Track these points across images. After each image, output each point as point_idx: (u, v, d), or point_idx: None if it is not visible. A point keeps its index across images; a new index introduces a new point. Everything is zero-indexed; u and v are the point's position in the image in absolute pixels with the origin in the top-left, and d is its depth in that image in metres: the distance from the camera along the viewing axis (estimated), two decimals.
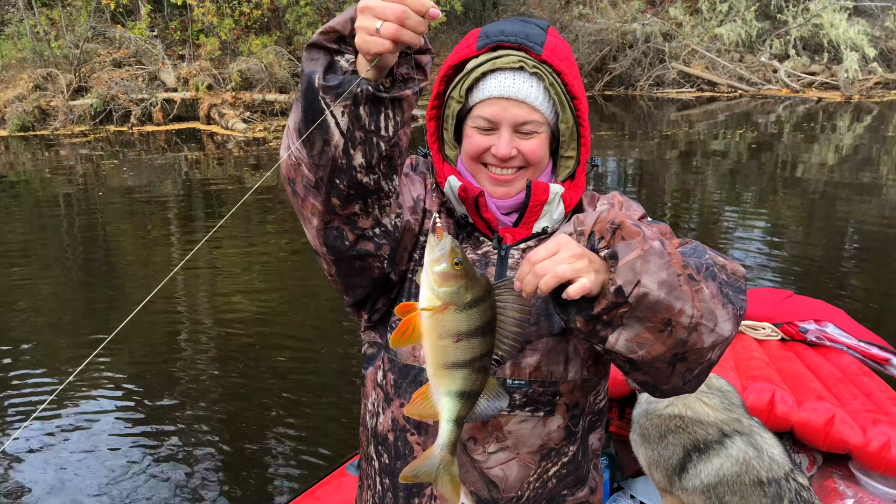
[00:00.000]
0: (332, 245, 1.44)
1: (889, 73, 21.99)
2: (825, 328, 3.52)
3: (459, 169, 1.63)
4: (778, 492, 2.60)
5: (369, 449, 1.70)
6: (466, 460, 1.55)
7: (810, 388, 3.01)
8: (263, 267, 8.51)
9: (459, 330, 1.22)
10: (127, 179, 12.89)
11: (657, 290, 1.23)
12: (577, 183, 1.62)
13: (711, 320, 1.30)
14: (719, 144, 15.53)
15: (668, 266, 1.25)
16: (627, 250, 1.23)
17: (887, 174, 12.49)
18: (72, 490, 4.41)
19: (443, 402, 1.27)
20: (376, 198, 1.39)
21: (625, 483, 3.32)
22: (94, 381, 5.73)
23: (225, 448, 4.86)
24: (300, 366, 6.04)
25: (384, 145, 1.32)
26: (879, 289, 7.34)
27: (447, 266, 1.20)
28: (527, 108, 1.51)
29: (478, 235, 1.62)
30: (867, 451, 2.80)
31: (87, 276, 8.32)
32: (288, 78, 19.05)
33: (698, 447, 2.70)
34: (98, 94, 17.77)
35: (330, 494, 2.79)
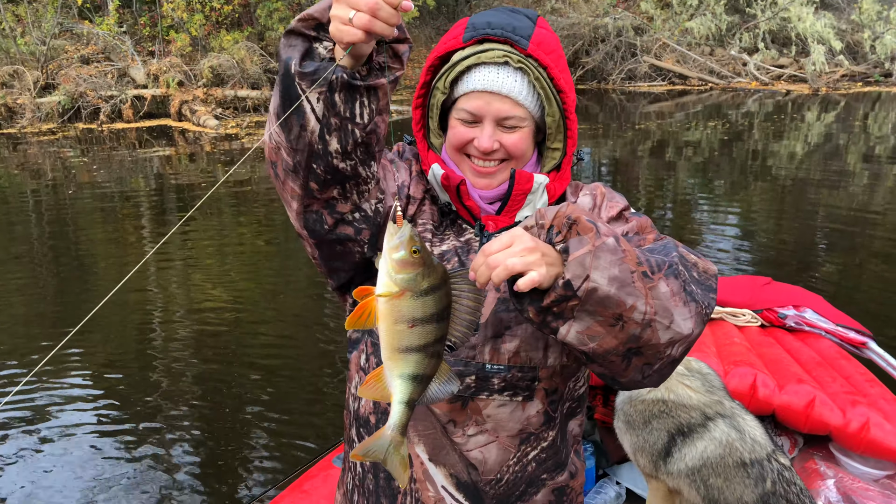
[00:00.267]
0: (311, 228, 1.46)
1: (855, 65, 22.32)
2: (804, 314, 3.58)
3: (444, 157, 1.64)
4: (761, 472, 2.64)
5: (351, 431, 1.72)
6: (447, 443, 1.56)
7: (791, 372, 3.05)
8: (237, 260, 8.48)
9: (415, 316, 1.25)
10: (97, 177, 12.72)
11: (607, 286, 1.25)
12: (563, 174, 1.63)
13: (666, 317, 1.32)
14: (691, 137, 15.68)
15: (621, 262, 1.27)
16: (579, 245, 1.26)
17: (854, 165, 12.70)
18: (45, 487, 4.34)
19: (395, 385, 1.30)
20: (354, 183, 1.41)
21: (610, 470, 3.34)
22: (67, 374, 5.68)
23: (204, 442, 4.83)
24: (277, 357, 6.03)
25: (359, 132, 1.34)
26: (850, 274, 7.50)
27: (405, 254, 1.21)
28: (510, 103, 1.52)
29: (461, 223, 1.64)
30: (847, 432, 2.84)
31: (58, 272, 8.22)
32: (260, 74, 18.91)
33: (682, 431, 2.72)
34: (66, 92, 17.50)
35: (317, 487, 2.78)
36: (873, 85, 21.62)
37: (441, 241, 1.61)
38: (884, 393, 3.07)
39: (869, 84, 21.75)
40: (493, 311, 1.53)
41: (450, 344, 1.31)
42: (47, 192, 11.91)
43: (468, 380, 1.53)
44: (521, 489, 1.61)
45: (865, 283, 7.28)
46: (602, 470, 3.34)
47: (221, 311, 6.95)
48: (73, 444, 4.81)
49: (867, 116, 17.49)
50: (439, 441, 1.56)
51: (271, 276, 7.99)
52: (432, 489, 1.58)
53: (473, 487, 1.58)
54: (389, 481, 1.62)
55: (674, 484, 2.78)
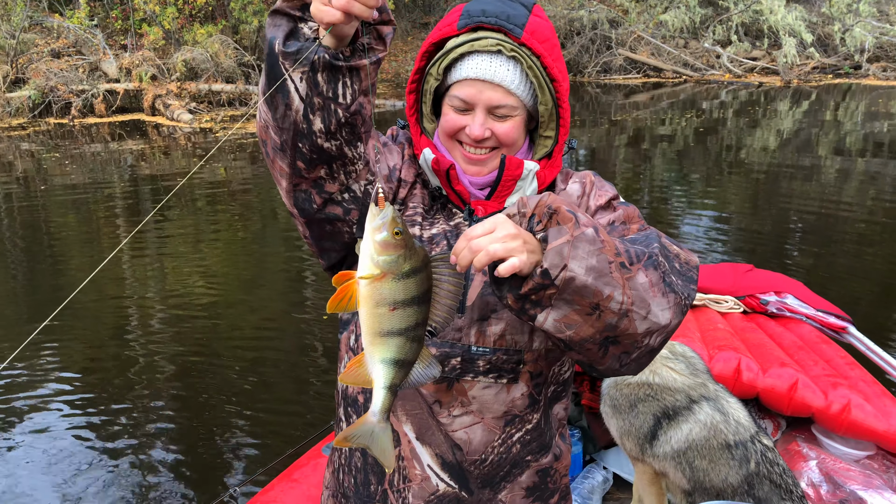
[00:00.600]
0: (301, 207, 1.47)
1: (826, 57, 22.59)
2: (785, 299, 3.64)
3: (436, 142, 1.65)
4: (745, 454, 2.68)
5: (340, 411, 1.74)
6: (433, 423, 1.58)
7: (773, 356, 3.10)
8: (214, 251, 8.45)
9: (396, 299, 1.25)
10: (70, 173, 12.56)
11: (584, 275, 1.27)
12: (554, 162, 1.64)
13: (643, 308, 1.34)
14: (667, 129, 15.80)
15: (599, 253, 1.29)
16: (557, 235, 1.27)
17: (825, 156, 12.87)
18: (21, 482, 4.29)
19: (377, 370, 1.29)
20: (341, 163, 1.42)
21: (597, 455, 3.38)
22: (42, 368, 5.62)
23: (186, 434, 4.81)
24: (257, 348, 6.01)
25: (342, 112, 1.35)
26: (822, 261, 7.62)
27: (388, 235, 1.22)
28: (502, 92, 1.53)
29: (451, 207, 1.65)
30: (829, 414, 2.90)
31: (30, 266, 8.12)
32: (234, 67, 18.73)
33: (668, 414, 2.76)
34: (36, 86, 17.22)
35: (307, 476, 2.79)
36: (843, 77, 21.91)
37: (431, 225, 1.62)
38: (863, 375, 3.13)
39: (839, 76, 22.04)
40: (480, 294, 1.54)
41: (430, 329, 1.31)
42: (18, 187, 11.74)
43: (454, 361, 1.55)
44: (505, 470, 1.63)
45: (837, 271, 7.41)
46: (589, 455, 3.38)
47: (199, 302, 6.92)
48: (49, 439, 4.76)
49: (838, 108, 17.73)
50: (426, 421, 1.58)
51: (248, 266, 7.97)
52: (419, 467, 1.60)
53: (458, 467, 1.60)
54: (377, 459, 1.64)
55: (660, 467, 2.82)
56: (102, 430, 4.88)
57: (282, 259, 8.26)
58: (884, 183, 10.89)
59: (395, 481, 1.62)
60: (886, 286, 7.06)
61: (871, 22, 21.95)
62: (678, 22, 22.86)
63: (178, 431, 4.86)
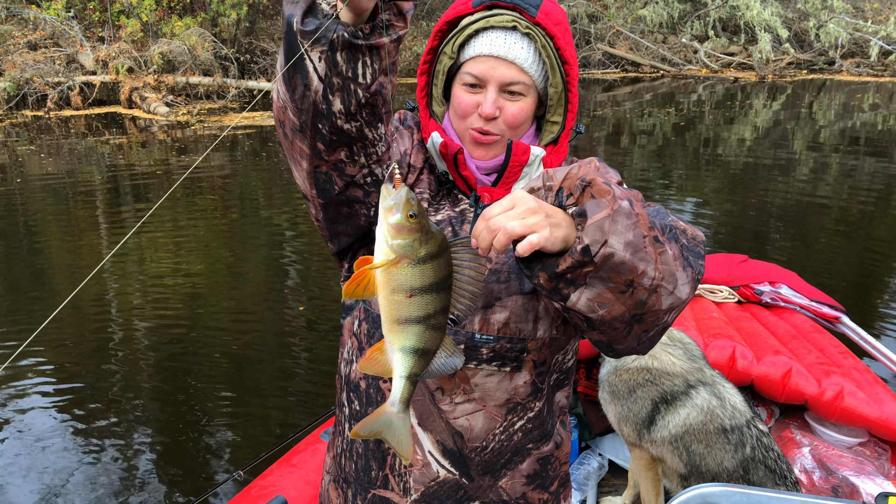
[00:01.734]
0: (322, 188, 1.45)
1: (801, 53, 22.85)
2: (779, 290, 3.69)
3: (444, 126, 1.64)
4: (741, 438, 2.72)
5: (342, 395, 1.72)
6: (434, 410, 1.57)
7: (768, 345, 3.14)
8: (193, 246, 8.37)
9: (413, 285, 1.19)
10: (47, 166, 12.38)
11: (623, 251, 1.22)
12: (560, 148, 1.64)
13: (671, 282, 1.30)
14: (645, 123, 15.90)
15: (636, 227, 1.24)
16: (597, 209, 1.21)
17: (801, 150, 13.03)
18: (5, 484, 4.23)
19: (396, 359, 1.24)
20: (361, 145, 1.40)
21: (593, 442, 3.41)
22: (23, 369, 5.53)
23: (173, 426, 4.78)
24: (241, 341, 5.98)
25: (362, 92, 1.32)
26: (800, 252, 7.73)
27: (402, 217, 1.16)
28: (515, 69, 1.52)
29: (457, 193, 1.64)
30: (822, 401, 2.94)
31: (8, 264, 8.01)
32: (212, 60, 18.57)
33: (666, 399, 2.79)
34: (11, 78, 16.96)
35: (305, 461, 2.79)
36: (818, 72, 22.18)
37: (436, 211, 1.62)
38: (856, 364, 3.18)
39: (814, 71, 22.31)
40: (484, 282, 1.52)
41: (452, 317, 1.27)
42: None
43: None
44: (506, 457, 1.62)
45: (815, 263, 7.53)
46: (585, 442, 3.40)
47: (180, 292, 6.88)
48: (31, 432, 4.71)
49: (812, 104, 17.94)
50: (427, 408, 1.57)
51: (227, 265, 7.91)
52: (420, 453, 1.60)
53: (459, 454, 1.59)
54: (379, 444, 1.62)
55: (657, 452, 2.85)
56: (87, 422, 4.84)
57: (261, 254, 8.23)
58: (861, 175, 11.07)
59: (396, 466, 1.62)
60: (870, 276, 7.21)
61: (844, 18, 22.23)
62: (657, 17, 23.02)
63: (163, 422, 4.83)
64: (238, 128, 15.43)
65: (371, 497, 1.65)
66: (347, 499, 1.70)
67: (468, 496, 1.62)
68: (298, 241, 8.72)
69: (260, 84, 18.42)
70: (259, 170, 12.01)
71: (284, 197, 10.41)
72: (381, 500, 1.64)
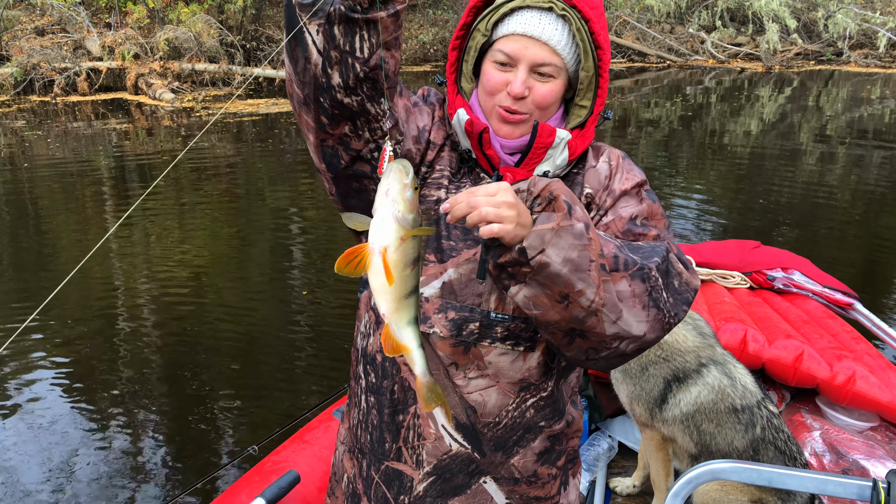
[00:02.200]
0: (329, 162, 1.47)
1: (810, 43, 22.74)
2: (792, 276, 3.69)
3: (471, 103, 1.63)
4: (751, 418, 2.73)
5: (358, 368, 1.73)
6: (448, 384, 1.58)
7: (779, 329, 3.14)
8: (199, 231, 8.40)
9: (414, 256, 1.26)
10: (54, 151, 12.41)
11: (560, 265, 1.29)
12: (586, 132, 1.62)
13: (614, 313, 1.37)
14: (652, 113, 15.85)
15: (583, 249, 1.31)
16: (546, 220, 1.29)
17: (808, 140, 12.99)
18: (8, 468, 4.25)
19: (407, 334, 1.30)
20: (365, 120, 1.40)
21: (603, 424, 3.42)
22: (29, 350, 5.56)
23: (179, 410, 4.81)
24: (245, 323, 6.01)
25: (360, 67, 1.33)
26: (808, 240, 7.72)
27: (413, 193, 1.21)
28: (548, 50, 1.52)
29: (479, 171, 1.64)
30: (833, 385, 2.95)
31: (16, 246, 8.03)
32: (218, 47, 18.54)
33: (678, 377, 2.80)
34: (18, 63, 16.96)
35: (318, 438, 2.81)
36: (826, 63, 22.08)
37: (457, 189, 1.62)
38: (869, 349, 3.18)
39: (822, 62, 22.20)
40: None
41: None
42: (2, 164, 11.58)
43: (472, 326, 1.55)
44: (518, 434, 1.63)
45: (823, 251, 7.52)
46: (595, 424, 3.41)
47: (185, 275, 6.91)
48: (38, 415, 4.73)
49: (820, 95, 17.87)
50: (441, 382, 1.58)
51: (232, 251, 7.93)
52: (433, 426, 1.61)
53: (472, 429, 1.61)
54: (393, 417, 1.64)
55: (668, 431, 2.86)
56: (95, 400, 4.87)
57: (265, 237, 8.24)
58: (869, 165, 11.04)
59: (409, 439, 1.63)
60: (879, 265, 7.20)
61: (853, 9, 22.10)
62: (664, 7, 22.90)
63: (171, 401, 4.86)
64: (244, 115, 15.42)
65: (384, 469, 1.67)
66: (362, 469, 1.72)
67: (479, 470, 1.63)
68: (303, 223, 8.75)
69: (265, 71, 18.38)
70: (265, 156, 12.02)
71: (289, 182, 10.42)
72: (394, 473, 1.66)
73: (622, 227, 1.54)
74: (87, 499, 4.02)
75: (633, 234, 1.53)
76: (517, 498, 1.67)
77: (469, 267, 1.55)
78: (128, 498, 4.05)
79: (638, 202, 1.59)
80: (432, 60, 21.78)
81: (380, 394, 1.65)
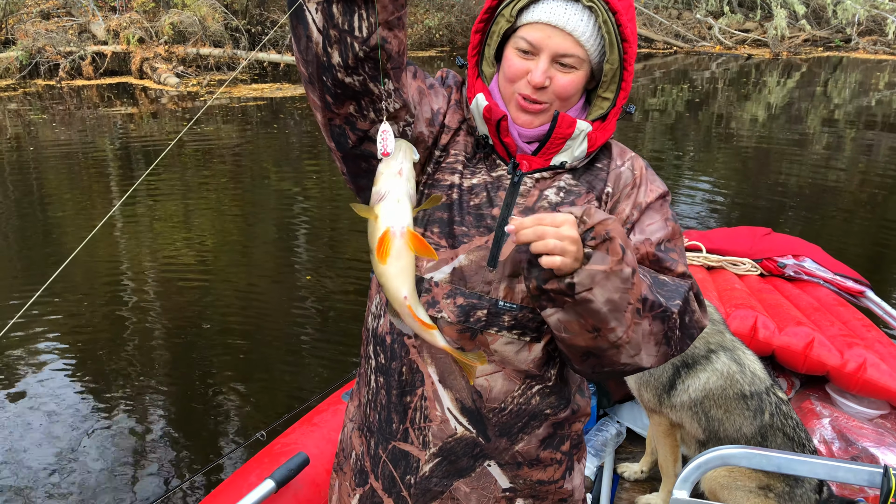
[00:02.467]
0: (337, 141, 1.47)
1: (818, 30, 22.58)
2: (803, 263, 3.67)
3: (491, 88, 1.61)
4: (760, 405, 2.72)
5: (368, 349, 1.74)
6: (455, 368, 1.59)
7: (790, 316, 3.13)
8: (204, 215, 8.43)
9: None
10: (59, 134, 12.42)
11: (602, 304, 1.36)
12: (607, 125, 1.60)
13: (635, 350, 1.45)
14: (658, 100, 15.78)
15: (625, 292, 1.37)
16: (600, 262, 1.34)
17: (816, 127, 12.93)
18: (16, 450, 4.25)
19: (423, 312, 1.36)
20: (369, 100, 1.39)
21: (611, 410, 3.41)
22: (34, 334, 5.57)
23: (185, 394, 4.82)
24: (251, 308, 6.02)
25: (358, 46, 1.32)
26: (815, 227, 7.70)
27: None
28: (571, 41, 1.49)
29: (495, 158, 1.62)
30: (844, 372, 2.93)
31: (22, 229, 8.05)
32: (222, 31, 18.47)
33: (687, 363, 2.79)
34: (23, 47, 16.93)
35: (326, 420, 2.81)
36: (834, 50, 21.93)
37: (472, 174, 1.60)
38: (880, 337, 3.17)
39: (830, 49, 22.05)
40: (514, 251, 1.53)
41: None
42: (9, 148, 11.59)
43: (479, 313, 1.55)
44: (523, 421, 1.63)
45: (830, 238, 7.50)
46: (603, 410, 3.41)
47: (190, 259, 6.93)
48: (45, 396, 4.74)
49: (828, 82, 17.76)
50: (449, 366, 1.59)
51: (237, 236, 7.94)
52: (439, 409, 1.61)
53: (477, 413, 1.61)
54: (401, 398, 1.65)
55: (676, 417, 2.85)
56: (101, 384, 4.88)
57: (270, 220, 8.25)
58: (877, 153, 10.98)
59: (416, 420, 1.64)
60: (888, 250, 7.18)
61: None
62: None
63: (177, 384, 4.88)
64: (249, 99, 15.39)
65: (392, 448, 1.68)
66: (370, 447, 1.72)
67: (484, 454, 1.64)
68: (308, 205, 8.77)
69: (269, 55, 18.32)
70: (270, 140, 12.01)
71: (294, 166, 10.41)
72: (401, 452, 1.67)
73: (652, 254, 1.56)
74: (94, 482, 4.04)
75: (661, 267, 1.56)
76: (521, 482, 1.67)
77: (480, 254, 1.54)
78: (133, 479, 4.06)
79: (664, 221, 1.59)
80: (438, 45, 21.68)
81: (388, 375, 1.66)
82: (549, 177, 1.60)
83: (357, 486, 1.75)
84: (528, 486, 1.68)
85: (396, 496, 1.68)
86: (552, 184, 1.59)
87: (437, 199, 1.35)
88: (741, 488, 2.78)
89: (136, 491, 3.98)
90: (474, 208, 1.57)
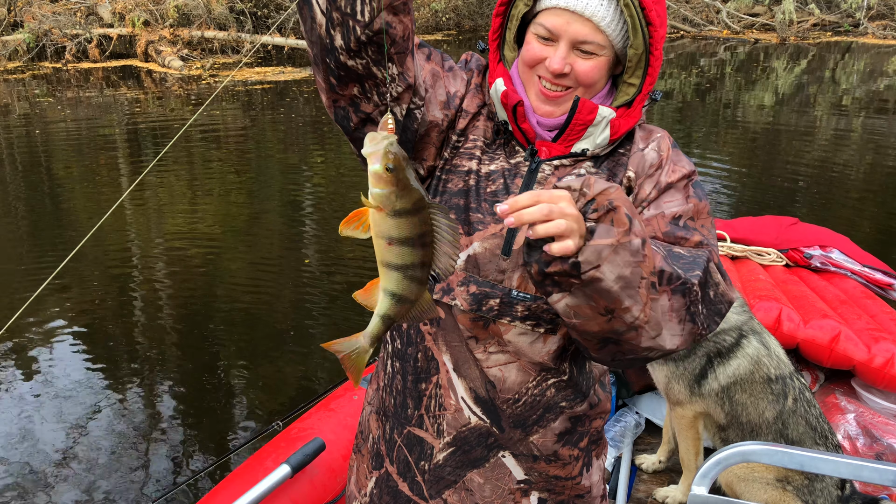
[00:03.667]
0: (341, 123, 1.47)
1: (828, 14, 22.39)
2: (830, 254, 3.60)
3: (512, 73, 1.58)
4: (783, 389, 2.69)
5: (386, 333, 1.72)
6: (469, 357, 1.57)
7: (816, 308, 3.08)
8: (211, 199, 8.43)
9: (391, 235, 1.23)
10: (66, 117, 12.39)
11: (612, 282, 1.24)
12: (633, 111, 1.55)
13: (656, 330, 1.33)
14: (665, 85, 15.68)
15: (636, 266, 1.26)
16: (605, 235, 1.22)
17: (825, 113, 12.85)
18: (28, 431, 4.26)
19: (380, 297, 1.31)
20: (372, 83, 1.38)
21: (630, 400, 3.38)
22: (44, 318, 5.57)
23: (194, 379, 4.83)
24: (259, 295, 6.01)
25: (360, 30, 1.30)
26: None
27: (379, 168, 1.18)
28: (591, 27, 1.45)
29: (514, 144, 1.59)
30: (871, 367, 2.90)
31: (31, 212, 8.05)
32: (227, 14, 18.37)
33: (720, 352, 2.75)
34: (30, 29, 16.87)
35: (343, 406, 2.81)
36: (843, 35, 21.74)
37: (490, 161, 1.57)
38: None
39: (839, 34, 21.86)
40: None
41: (434, 274, 1.28)
42: (18, 130, 11.57)
43: (492, 302, 1.52)
44: (538, 413, 1.61)
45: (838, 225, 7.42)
46: (622, 400, 3.38)
47: (199, 245, 6.92)
48: (55, 378, 4.74)
49: (837, 67, 17.62)
50: (463, 354, 1.57)
51: (244, 220, 7.93)
52: (453, 398, 1.60)
53: (491, 403, 1.59)
54: (416, 384, 1.64)
55: (703, 406, 2.82)
56: (111, 368, 4.89)
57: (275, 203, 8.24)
58: (888, 138, 10.89)
59: (431, 407, 1.63)
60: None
61: None
62: None
63: (186, 368, 4.88)
64: (254, 83, 15.32)
65: (407, 433, 1.67)
66: (385, 431, 1.72)
67: (498, 444, 1.62)
68: (315, 189, 8.77)
69: (273, 38, 18.22)
70: (276, 123, 11.97)
71: (300, 148, 10.38)
72: (415, 438, 1.66)
73: (664, 226, 1.47)
74: (105, 462, 4.04)
75: (674, 237, 1.46)
76: (536, 475, 1.65)
77: (495, 242, 1.51)
78: (145, 462, 4.07)
79: (684, 199, 1.52)
80: (444, 29, 21.56)
81: (404, 360, 1.65)
82: (570, 164, 1.56)
83: (374, 468, 1.76)
84: (543, 480, 1.66)
85: (411, 481, 1.68)
86: (572, 171, 1.55)
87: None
88: (758, 480, 2.76)
89: (150, 473, 3.99)
90: (491, 195, 1.55)
